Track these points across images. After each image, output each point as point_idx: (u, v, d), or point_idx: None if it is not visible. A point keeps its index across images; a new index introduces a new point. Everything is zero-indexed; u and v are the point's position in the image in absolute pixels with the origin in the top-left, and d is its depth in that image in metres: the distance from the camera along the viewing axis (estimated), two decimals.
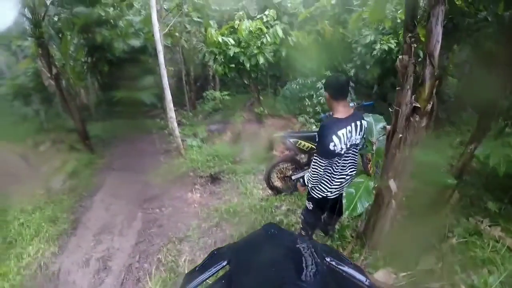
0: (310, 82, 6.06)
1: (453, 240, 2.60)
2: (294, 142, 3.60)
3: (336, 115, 2.02)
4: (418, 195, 2.97)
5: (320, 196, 2.25)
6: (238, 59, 5.73)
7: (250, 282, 1.06)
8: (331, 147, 1.92)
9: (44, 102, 7.32)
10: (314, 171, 2.06)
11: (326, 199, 2.25)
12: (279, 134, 3.99)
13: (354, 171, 2.28)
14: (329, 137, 1.90)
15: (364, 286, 1.09)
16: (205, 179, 4.80)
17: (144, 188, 4.73)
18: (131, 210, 4.12)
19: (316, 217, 2.50)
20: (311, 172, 2.09)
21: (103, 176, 5.24)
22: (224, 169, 4.98)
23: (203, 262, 1.32)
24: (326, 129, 1.94)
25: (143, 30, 7.51)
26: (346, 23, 5.85)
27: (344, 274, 1.12)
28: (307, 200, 2.41)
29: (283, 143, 3.85)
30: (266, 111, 6.67)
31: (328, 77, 2.18)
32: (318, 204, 2.33)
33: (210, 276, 1.13)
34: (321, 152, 1.99)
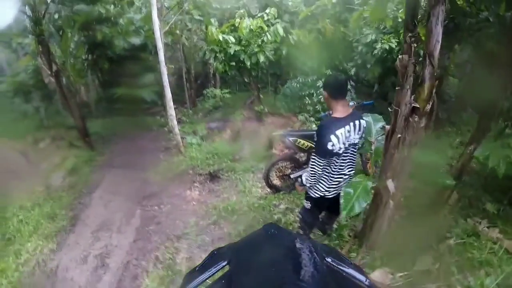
0: (310, 80, 6.03)
1: (450, 241, 2.60)
2: (293, 141, 3.59)
3: (334, 114, 2.01)
4: (417, 195, 2.97)
5: (318, 195, 2.25)
6: (238, 57, 5.71)
7: (250, 282, 1.05)
8: (329, 146, 1.91)
9: (44, 99, 7.30)
10: (312, 170, 2.06)
11: (324, 198, 2.25)
12: (278, 132, 3.98)
13: (352, 170, 2.27)
14: (327, 136, 1.90)
15: (364, 286, 1.08)
16: (204, 177, 4.79)
17: (143, 185, 4.73)
18: (129, 207, 4.12)
19: (313, 216, 2.50)
20: (309, 171, 2.09)
21: (102, 173, 5.24)
22: (223, 167, 4.98)
23: (203, 262, 1.31)
24: (324, 128, 1.94)
25: (143, 28, 7.48)
26: (347, 22, 5.82)
27: (344, 274, 1.11)
28: (305, 199, 2.41)
29: (282, 141, 3.84)
30: (266, 109, 6.65)
31: (327, 76, 2.18)
32: (316, 203, 2.33)
33: (210, 276, 1.13)
34: (319, 152, 1.99)
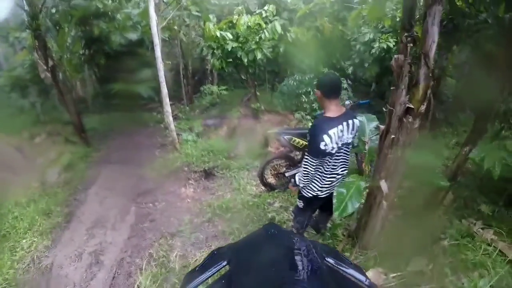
0: (307, 78, 6.00)
1: (445, 242, 2.60)
2: (289, 139, 3.57)
3: (327, 114, 1.99)
4: (412, 195, 2.98)
5: (310, 195, 2.24)
6: (235, 54, 5.67)
7: (250, 282, 1.06)
8: (322, 146, 1.90)
9: (41, 94, 7.22)
10: (305, 170, 2.05)
11: (317, 198, 2.24)
12: (273, 130, 3.96)
13: (345, 170, 2.26)
14: (320, 136, 1.89)
15: (364, 286, 1.09)
16: (199, 174, 4.78)
17: (139, 182, 4.71)
18: (124, 204, 4.09)
19: (307, 215, 2.49)
20: (302, 171, 2.08)
21: (98, 169, 5.20)
22: (218, 164, 4.97)
23: (203, 262, 1.32)
24: (317, 128, 1.93)
25: (140, 23, 7.41)
26: (346, 20, 5.80)
27: (344, 274, 1.12)
28: (298, 199, 2.40)
29: (277, 139, 3.83)
30: (263, 106, 6.63)
31: (321, 75, 2.16)
32: (309, 202, 2.33)
33: (210, 276, 1.13)
34: (312, 151, 1.97)
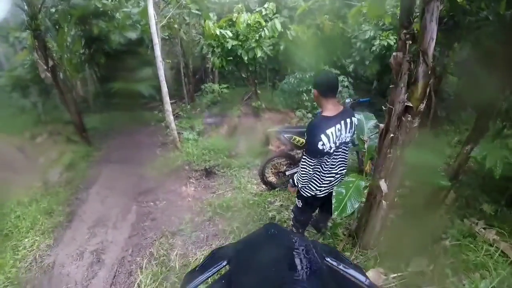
0: (308, 76, 5.96)
1: (446, 242, 2.57)
2: (289, 138, 3.56)
3: (325, 113, 1.97)
4: (413, 195, 2.95)
5: (309, 195, 2.24)
6: (236, 52, 5.65)
7: (250, 282, 1.06)
8: (320, 146, 1.89)
9: (42, 94, 7.23)
10: (303, 170, 2.04)
11: (316, 197, 2.23)
12: (273, 129, 3.95)
13: (344, 169, 2.25)
14: (317, 136, 1.87)
15: (364, 286, 1.09)
16: (199, 173, 4.79)
17: (140, 181, 4.73)
18: (126, 203, 4.12)
19: (306, 214, 2.49)
20: (300, 172, 2.07)
21: (99, 169, 5.23)
22: (219, 163, 4.98)
23: (203, 262, 1.33)
24: (314, 128, 1.91)
25: (140, 22, 7.39)
26: (346, 18, 5.74)
27: (344, 274, 1.11)
28: (297, 198, 2.40)
29: (277, 138, 3.82)
30: (264, 105, 6.60)
31: (317, 74, 2.13)
32: (308, 202, 2.32)
33: (210, 276, 1.14)
34: (309, 151, 1.96)
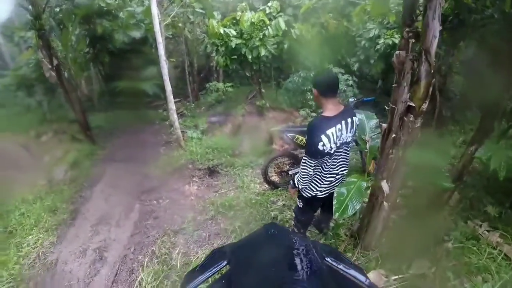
0: (312, 75, 5.93)
1: (448, 244, 2.53)
2: (292, 137, 3.54)
3: (325, 113, 1.95)
4: (416, 196, 2.92)
5: (309, 195, 2.22)
6: (240, 50, 5.63)
7: (250, 282, 1.06)
8: (320, 146, 1.87)
9: (47, 93, 7.29)
10: (304, 171, 2.02)
11: (316, 198, 2.21)
12: (276, 128, 3.93)
13: (345, 169, 2.22)
14: (317, 137, 1.85)
15: (364, 286, 1.08)
16: (203, 172, 4.80)
17: (143, 179, 4.75)
18: (129, 201, 4.14)
19: (307, 215, 2.47)
20: (301, 173, 2.05)
21: (103, 167, 5.27)
22: (222, 161, 4.98)
23: (203, 262, 1.32)
24: (314, 128, 1.88)
25: (144, 21, 7.40)
26: (351, 16, 5.68)
27: (344, 274, 1.11)
28: (298, 198, 2.38)
29: (280, 137, 3.80)
30: (268, 104, 6.57)
31: (317, 73, 2.10)
32: (308, 202, 2.30)
33: (210, 276, 1.13)
34: (309, 152, 1.93)
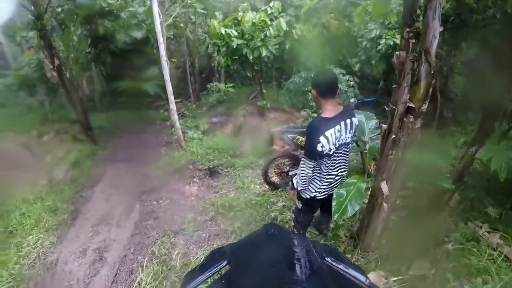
0: (312, 76, 5.92)
1: (449, 246, 2.52)
2: (292, 138, 3.54)
3: (324, 114, 1.94)
4: (416, 196, 2.90)
5: (308, 197, 2.21)
6: (241, 51, 5.61)
7: (250, 282, 1.05)
8: (319, 148, 1.86)
9: (48, 93, 7.30)
10: (303, 173, 2.01)
11: (315, 199, 2.21)
12: (277, 128, 3.93)
13: (344, 171, 2.22)
14: (316, 138, 1.84)
15: (364, 286, 1.07)
16: (203, 172, 4.80)
17: (144, 180, 4.76)
18: (129, 201, 4.15)
19: (306, 216, 2.46)
20: (300, 174, 2.04)
21: (104, 167, 5.28)
22: (223, 162, 4.98)
23: (203, 262, 1.31)
24: (313, 129, 1.88)
25: (145, 22, 7.41)
26: (352, 16, 5.67)
27: (344, 274, 1.10)
28: (297, 199, 2.37)
29: (281, 138, 3.80)
30: (269, 104, 6.56)
31: (316, 74, 2.09)
32: (307, 204, 2.30)
33: (210, 276, 1.13)
34: (308, 153, 1.93)
